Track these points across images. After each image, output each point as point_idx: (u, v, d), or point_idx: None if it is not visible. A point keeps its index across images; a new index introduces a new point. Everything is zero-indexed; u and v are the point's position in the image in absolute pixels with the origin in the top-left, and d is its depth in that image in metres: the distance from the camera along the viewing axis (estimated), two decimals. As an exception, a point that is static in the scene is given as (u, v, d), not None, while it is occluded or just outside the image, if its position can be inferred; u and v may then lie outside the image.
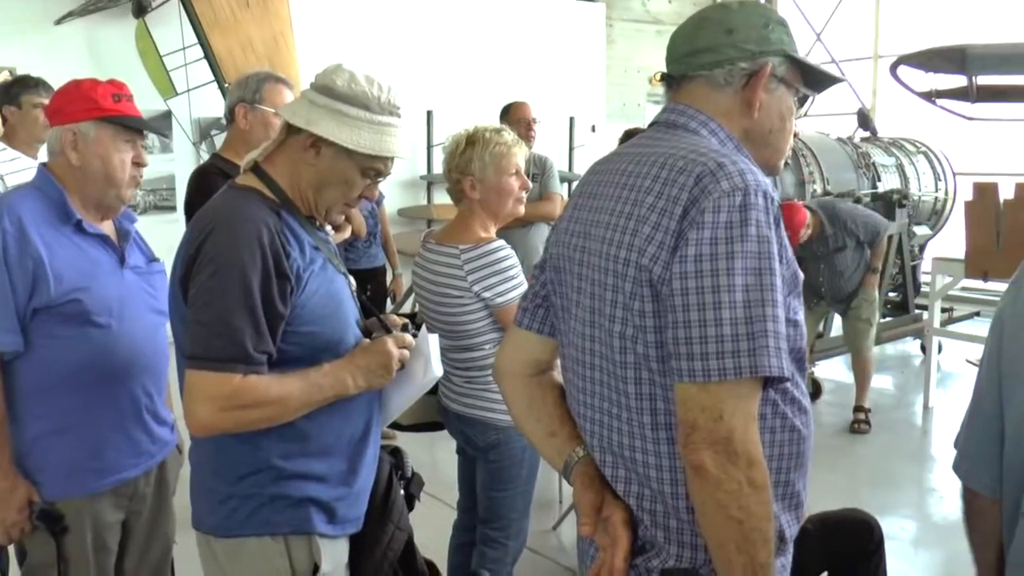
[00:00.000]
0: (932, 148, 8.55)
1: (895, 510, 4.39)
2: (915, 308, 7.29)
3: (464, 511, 2.95)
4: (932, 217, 8.28)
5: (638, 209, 1.33)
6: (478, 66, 7.94)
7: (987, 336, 1.56)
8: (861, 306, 5.62)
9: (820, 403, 6.14)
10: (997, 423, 1.49)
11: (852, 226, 5.46)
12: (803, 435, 1.39)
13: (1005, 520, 1.50)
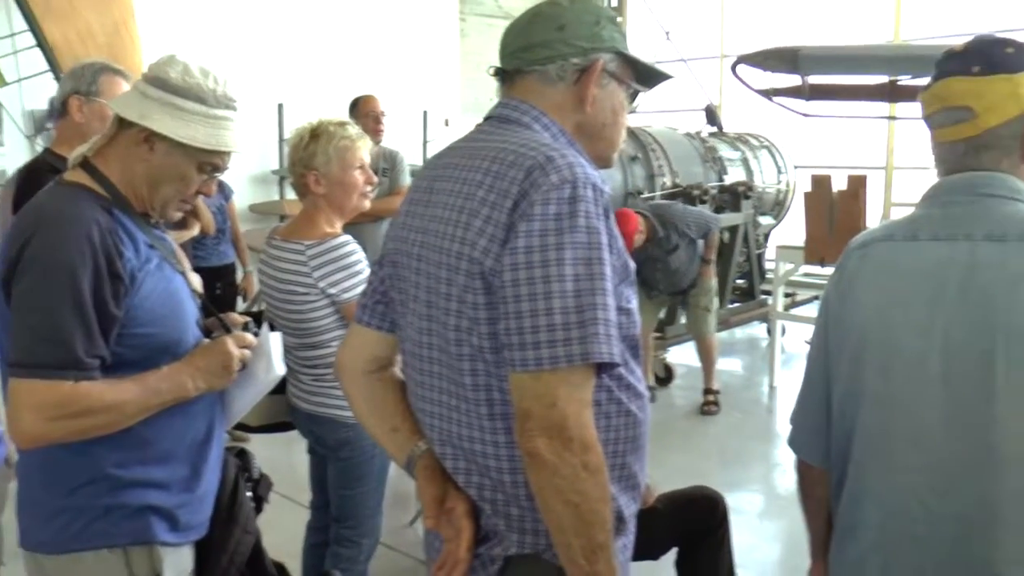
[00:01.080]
0: (774, 143, 9.01)
1: (744, 485, 4.61)
2: (761, 294, 7.68)
3: (317, 511, 2.91)
4: (775, 208, 8.72)
5: (470, 203, 1.34)
6: (330, 59, 7.81)
7: (816, 318, 1.67)
8: (699, 295, 5.88)
9: (672, 387, 6.39)
10: (825, 399, 1.60)
11: (683, 227, 5.67)
12: (639, 419, 1.44)
13: (832, 489, 1.61)
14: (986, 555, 1.38)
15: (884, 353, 1.47)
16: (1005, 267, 1.38)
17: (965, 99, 1.44)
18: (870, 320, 1.50)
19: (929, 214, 1.51)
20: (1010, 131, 1.45)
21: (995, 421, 1.37)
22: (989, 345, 1.37)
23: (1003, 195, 1.45)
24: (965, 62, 1.45)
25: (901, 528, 1.46)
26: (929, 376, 1.41)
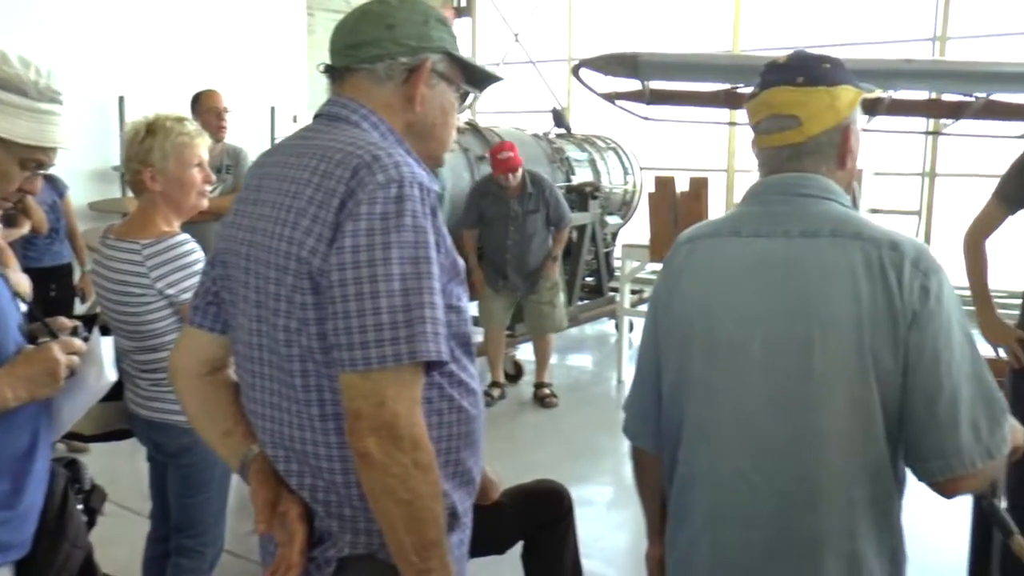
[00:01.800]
0: (621, 145, 9.28)
1: (593, 478, 4.74)
2: (609, 291, 7.89)
3: (157, 521, 2.81)
4: (622, 208, 8.99)
5: (297, 202, 1.34)
6: (173, 51, 7.50)
7: (647, 311, 1.74)
8: (543, 290, 6.00)
9: (522, 383, 6.50)
10: (655, 388, 1.67)
11: (548, 195, 5.87)
12: (471, 415, 1.46)
13: (665, 474, 1.69)
14: (809, 527, 1.47)
15: (709, 343, 1.55)
16: (819, 260, 1.48)
17: (791, 108, 1.54)
18: (696, 312, 1.58)
19: (751, 212, 1.60)
20: (829, 139, 1.55)
21: (812, 403, 1.45)
22: (805, 333, 1.46)
23: (817, 195, 1.55)
24: (789, 73, 1.55)
25: (729, 507, 1.53)
26: (752, 363, 1.50)
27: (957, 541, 1.96)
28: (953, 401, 1.42)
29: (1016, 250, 3.02)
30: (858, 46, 9.48)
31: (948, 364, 1.42)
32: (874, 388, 1.43)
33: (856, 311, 1.43)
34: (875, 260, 1.44)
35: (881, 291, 1.42)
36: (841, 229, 1.49)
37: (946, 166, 9.43)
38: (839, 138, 1.56)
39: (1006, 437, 1.47)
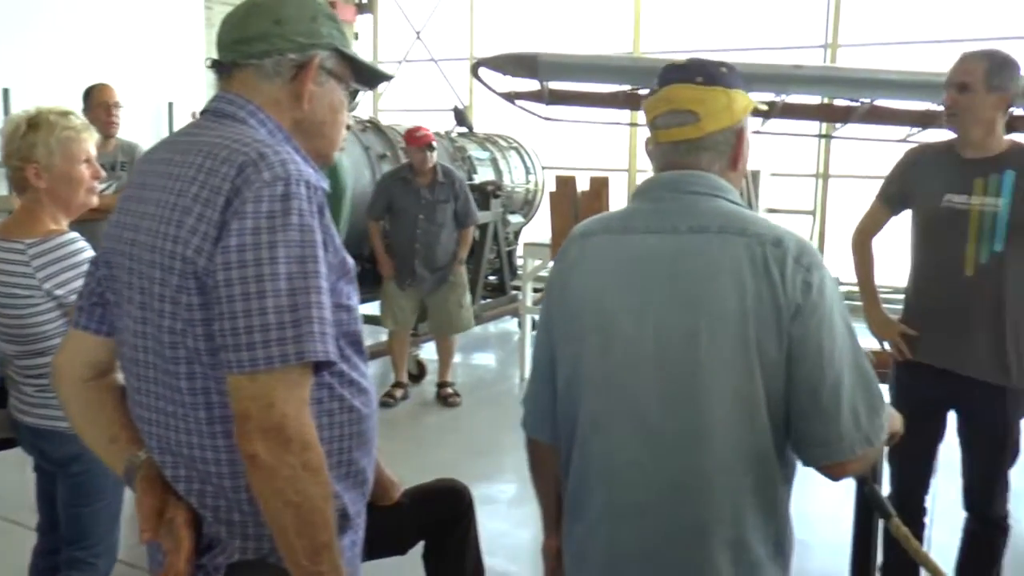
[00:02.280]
0: (523, 144, 9.34)
1: (496, 475, 4.76)
2: (512, 289, 7.94)
3: (45, 533, 2.69)
4: (524, 207, 9.05)
5: (182, 200, 1.31)
6: (64, 43, 7.21)
7: (542, 303, 1.76)
8: (450, 289, 5.99)
9: (425, 383, 6.48)
10: (551, 381, 1.69)
11: (459, 188, 5.89)
12: (363, 414, 1.45)
13: (562, 468, 1.71)
14: (698, 516, 1.51)
15: (603, 337, 1.57)
16: (706, 256, 1.52)
17: (691, 104, 1.57)
18: (590, 307, 1.60)
19: (642, 208, 1.63)
20: (724, 139, 1.60)
21: (700, 395, 1.49)
22: (693, 326, 1.49)
23: (706, 192, 1.59)
24: (689, 73, 1.59)
25: (625, 499, 1.56)
26: (644, 357, 1.53)
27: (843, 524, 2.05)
28: (835, 390, 1.47)
29: (900, 248, 3.16)
30: (754, 51, 9.78)
31: (831, 354, 1.48)
32: (759, 379, 1.47)
33: (741, 305, 1.47)
34: (759, 256, 1.48)
35: (765, 286, 1.47)
36: (728, 225, 1.53)
37: (838, 167, 9.82)
38: (733, 139, 1.61)
39: (883, 424, 1.54)
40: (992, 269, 2.82)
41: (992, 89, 2.77)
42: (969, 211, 2.82)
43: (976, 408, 2.96)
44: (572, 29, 10.92)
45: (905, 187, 3.02)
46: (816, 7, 9.80)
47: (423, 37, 11.49)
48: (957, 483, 3.09)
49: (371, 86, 1.57)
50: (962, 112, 2.81)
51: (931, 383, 2.95)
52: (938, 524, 3.11)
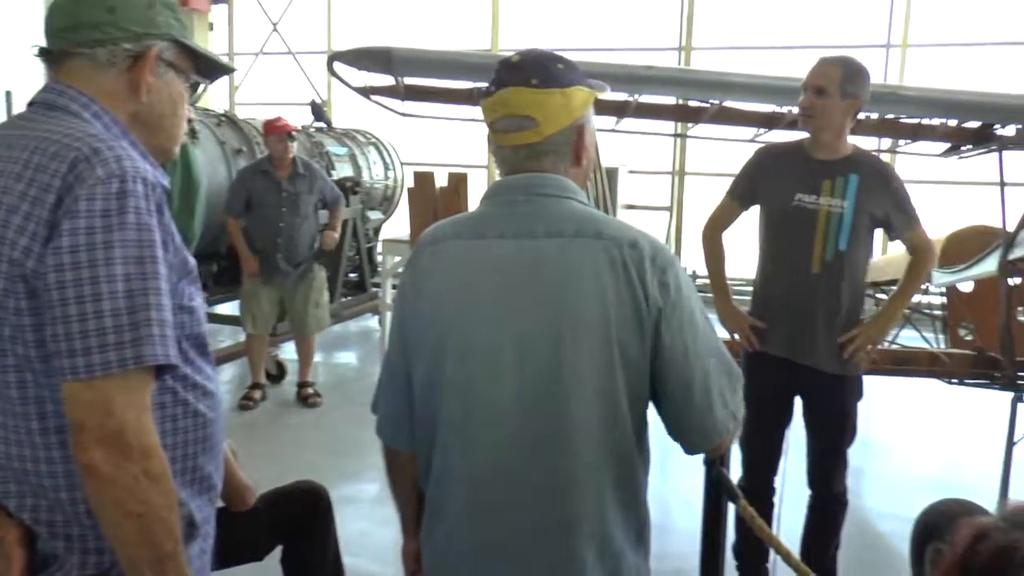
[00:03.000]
0: (382, 140, 9.25)
1: (359, 474, 4.70)
2: (373, 287, 7.86)
3: None
4: (384, 203, 8.97)
5: (8, 198, 1.23)
6: None
7: (393, 311, 1.74)
8: (309, 289, 5.87)
9: (285, 383, 6.35)
10: (407, 387, 1.67)
11: (319, 179, 5.85)
12: (209, 419, 1.40)
13: (421, 473, 1.70)
14: (563, 515, 1.54)
15: (462, 344, 1.57)
16: (565, 260, 1.54)
17: (528, 109, 1.57)
18: (447, 315, 1.59)
19: (494, 212, 1.63)
20: (564, 139, 1.61)
21: (562, 397, 1.51)
22: (555, 331, 1.51)
23: (557, 194, 1.61)
24: (524, 74, 1.58)
25: (484, 503, 1.57)
26: (504, 363, 1.53)
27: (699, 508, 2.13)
28: (704, 383, 1.55)
29: (749, 242, 3.30)
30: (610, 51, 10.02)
31: (696, 349, 1.55)
32: (620, 379, 1.52)
33: (603, 307, 1.50)
34: (618, 258, 1.52)
35: (625, 288, 1.51)
36: (583, 229, 1.55)
37: (694, 165, 10.19)
38: (574, 136, 1.62)
39: (742, 400, 1.64)
40: (835, 267, 2.99)
41: (846, 95, 2.93)
42: (818, 211, 2.98)
43: (818, 395, 3.14)
44: (433, 24, 10.89)
45: (755, 185, 3.16)
46: (671, 11, 10.13)
47: (280, 29, 11.20)
48: (804, 464, 3.27)
49: (213, 79, 1.51)
50: (817, 114, 2.96)
51: (778, 372, 3.11)
52: (787, 502, 3.28)
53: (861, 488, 4.59)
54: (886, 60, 9.82)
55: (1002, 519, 0.96)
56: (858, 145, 3.11)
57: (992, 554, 0.91)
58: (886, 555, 3.82)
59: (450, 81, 4.30)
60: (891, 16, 9.84)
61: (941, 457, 5.36)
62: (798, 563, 2.03)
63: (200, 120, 6.41)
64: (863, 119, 3.92)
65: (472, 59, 4.21)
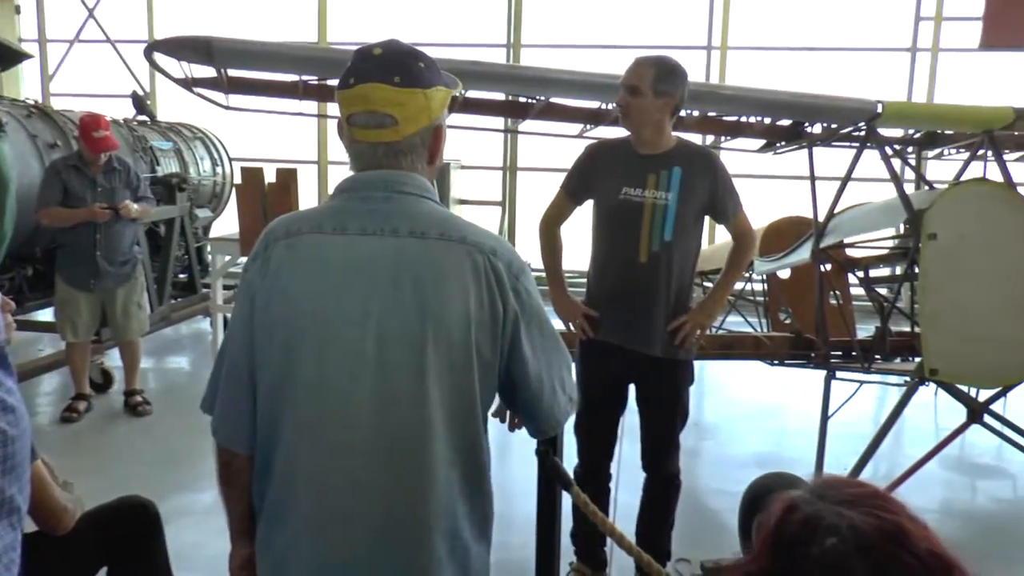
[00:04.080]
0: (209, 134, 8.90)
1: (193, 484, 4.51)
2: (203, 287, 7.56)
3: None
4: (213, 200, 8.64)
5: None
6: None
7: (235, 307, 1.67)
8: (128, 289, 5.58)
9: (111, 393, 6.04)
10: (250, 387, 1.62)
11: (133, 175, 5.56)
12: (10, 436, 1.31)
13: (256, 476, 1.64)
14: (418, 514, 1.54)
15: (320, 343, 1.54)
16: (430, 262, 1.55)
17: (388, 107, 1.57)
18: (303, 312, 1.56)
19: (352, 208, 1.61)
20: (422, 139, 1.62)
21: (422, 397, 1.53)
22: (419, 332, 1.53)
23: (416, 193, 1.62)
24: (387, 70, 1.57)
25: (334, 507, 1.54)
26: (364, 363, 1.52)
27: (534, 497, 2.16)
28: (550, 376, 1.67)
29: (582, 235, 3.38)
30: (439, 47, 10.02)
31: (543, 344, 1.65)
32: (476, 379, 1.57)
33: (465, 311, 1.54)
34: (480, 264, 1.57)
35: (486, 292, 1.56)
36: (448, 232, 1.58)
37: (525, 160, 10.34)
38: (430, 137, 1.64)
39: (575, 381, 1.77)
40: (662, 257, 3.12)
41: (659, 93, 3.04)
42: (643, 203, 3.09)
43: (651, 380, 3.26)
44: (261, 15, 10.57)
45: (586, 180, 3.24)
46: (499, 8, 10.24)
47: (97, 15, 10.55)
48: (638, 448, 3.38)
49: (6, 67, 1.40)
50: (632, 112, 3.06)
51: (612, 359, 3.21)
52: (623, 486, 3.38)
53: (693, 468, 4.79)
54: (707, 61, 10.30)
55: (809, 491, 1.02)
56: (683, 138, 3.24)
57: (799, 523, 0.97)
58: (719, 530, 4.00)
59: (276, 74, 4.17)
60: (711, 19, 10.32)
61: (766, 434, 5.68)
62: (631, 545, 2.10)
63: (7, 112, 5.92)
64: (686, 116, 4.09)
65: (298, 51, 4.12)
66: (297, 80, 4.04)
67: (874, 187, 5.83)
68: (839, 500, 0.98)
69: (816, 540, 0.95)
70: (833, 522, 0.95)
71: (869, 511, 0.96)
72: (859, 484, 1.04)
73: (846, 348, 4.29)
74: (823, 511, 0.97)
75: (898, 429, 3.96)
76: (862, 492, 1.00)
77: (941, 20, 10.37)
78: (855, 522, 0.95)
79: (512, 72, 4.49)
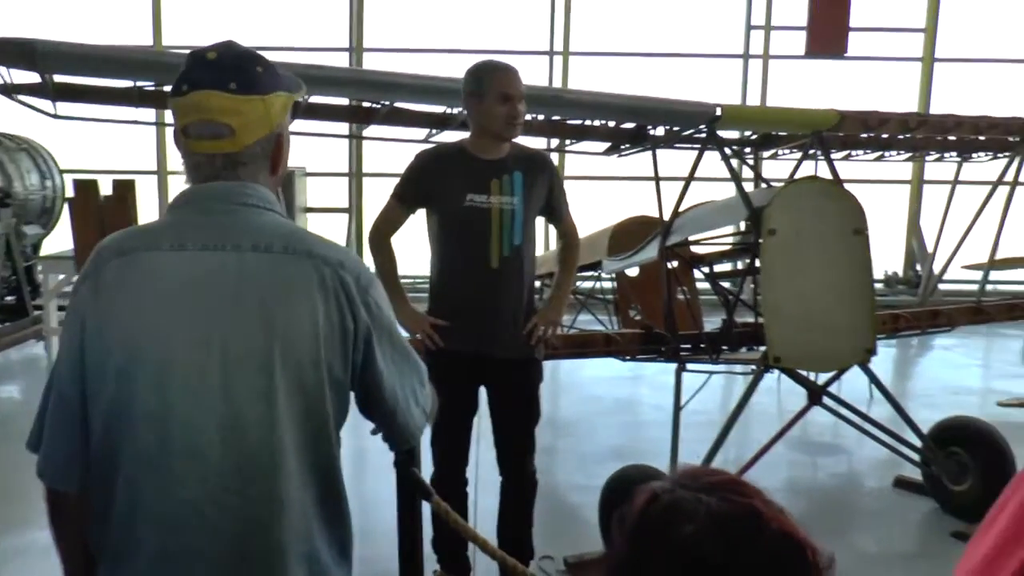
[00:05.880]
0: (36, 145, 8.38)
1: (29, 522, 4.21)
2: (34, 309, 7.10)
3: None
4: (43, 216, 8.14)
5: None
6: None
7: (63, 333, 1.56)
8: None
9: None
10: (82, 421, 1.50)
11: None
12: None
13: (95, 513, 1.52)
14: (273, 540, 1.48)
15: (159, 368, 1.45)
16: (276, 278, 1.48)
17: (224, 116, 1.48)
18: (140, 335, 1.46)
19: (191, 221, 1.52)
20: (262, 149, 1.54)
21: (273, 420, 1.46)
22: (266, 352, 1.45)
23: (259, 205, 1.54)
24: (222, 76, 1.48)
25: (182, 544, 1.45)
26: (208, 388, 1.44)
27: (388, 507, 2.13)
28: (404, 390, 1.63)
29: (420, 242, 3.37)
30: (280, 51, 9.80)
31: (395, 356, 1.60)
32: (328, 398, 1.51)
33: (314, 327, 1.48)
34: (328, 278, 1.50)
35: (335, 308, 1.50)
36: (292, 245, 1.51)
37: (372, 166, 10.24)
38: (272, 146, 1.56)
39: (429, 392, 1.73)
40: (513, 261, 3.15)
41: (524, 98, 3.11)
42: (490, 209, 3.11)
43: (504, 382, 3.28)
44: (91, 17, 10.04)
45: (422, 188, 3.22)
46: (341, 11, 10.10)
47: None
48: (493, 451, 3.39)
49: None
50: (521, 120, 3.11)
51: (462, 366, 3.20)
52: (482, 490, 3.38)
53: (551, 466, 4.85)
54: (550, 66, 10.50)
55: (669, 481, 1.04)
56: (516, 142, 3.27)
57: (660, 512, 0.99)
58: (580, 525, 4.06)
59: (109, 79, 3.94)
60: (552, 25, 10.53)
61: (621, 428, 5.82)
62: (494, 550, 2.10)
63: None
64: (532, 120, 4.13)
65: (131, 54, 3.92)
66: (132, 86, 3.82)
67: (716, 186, 6.09)
68: (697, 488, 1.01)
69: (675, 526, 0.97)
70: (691, 508, 0.98)
71: (725, 496, 0.99)
72: (716, 472, 1.07)
73: (695, 341, 4.43)
74: (682, 499, 1.00)
75: (745, 415, 4.13)
76: (719, 479, 1.03)
77: (771, 29, 10.97)
78: (712, 507, 0.97)
79: (356, 76, 4.43)
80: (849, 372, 4.14)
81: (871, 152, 4.98)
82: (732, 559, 0.94)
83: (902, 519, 4.43)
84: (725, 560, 0.94)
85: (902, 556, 4.07)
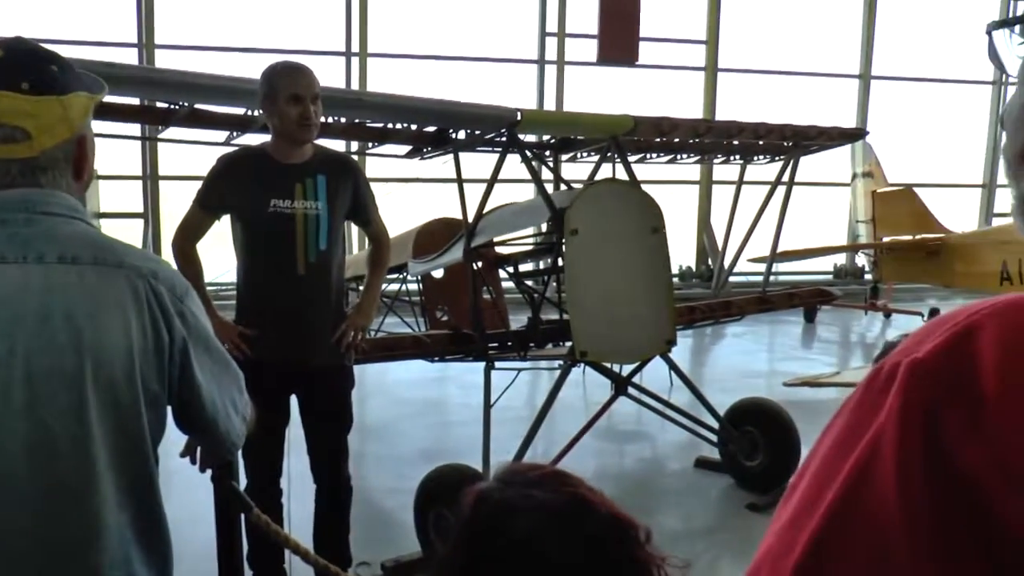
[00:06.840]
0: None
1: None
2: None
3: None
4: None
5: None
6: None
7: None
8: None
9: None
10: None
11: None
12: None
13: None
14: (87, 566, 1.40)
15: None
16: (84, 292, 1.39)
17: (19, 119, 1.38)
18: None
19: None
20: (63, 153, 1.45)
21: (84, 439, 1.38)
22: (75, 369, 1.37)
23: (64, 214, 1.44)
24: (12, 75, 1.37)
25: None
26: (11, 407, 1.35)
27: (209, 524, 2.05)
28: (223, 399, 1.57)
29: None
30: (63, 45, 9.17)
31: (213, 369, 1.55)
32: (144, 414, 1.45)
33: (127, 342, 1.41)
34: (141, 290, 1.44)
35: (149, 320, 1.44)
36: (103, 256, 1.43)
37: (169, 168, 9.75)
38: (74, 149, 1.48)
39: (248, 399, 1.69)
40: (320, 266, 3.11)
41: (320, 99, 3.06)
42: (295, 214, 3.05)
43: (316, 389, 3.24)
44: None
45: (223, 195, 3.13)
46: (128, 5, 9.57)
47: None
48: (306, 459, 3.33)
49: None
50: (317, 122, 3.04)
51: (274, 376, 3.12)
52: (295, 498, 3.31)
53: (363, 471, 4.81)
54: (347, 67, 10.38)
55: (495, 481, 1.08)
56: (319, 144, 3.24)
57: (491, 512, 1.02)
58: (396, 528, 4.07)
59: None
60: (348, 25, 10.42)
61: (431, 429, 5.85)
62: (316, 559, 2.08)
63: None
64: (332, 122, 4.08)
65: None
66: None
67: (518, 188, 6.25)
68: (524, 483, 1.05)
69: (509, 524, 1.00)
70: (522, 504, 1.01)
71: (552, 488, 1.04)
72: (538, 467, 1.12)
73: (502, 339, 4.53)
74: (511, 496, 1.03)
75: (553, 408, 4.27)
76: (542, 473, 1.08)
77: (565, 36, 11.36)
78: (542, 501, 1.01)
79: (151, 75, 4.21)
80: (651, 362, 4.37)
81: (664, 155, 5.26)
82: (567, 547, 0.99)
83: (703, 496, 4.75)
84: (561, 548, 0.99)
85: (704, 530, 4.36)
